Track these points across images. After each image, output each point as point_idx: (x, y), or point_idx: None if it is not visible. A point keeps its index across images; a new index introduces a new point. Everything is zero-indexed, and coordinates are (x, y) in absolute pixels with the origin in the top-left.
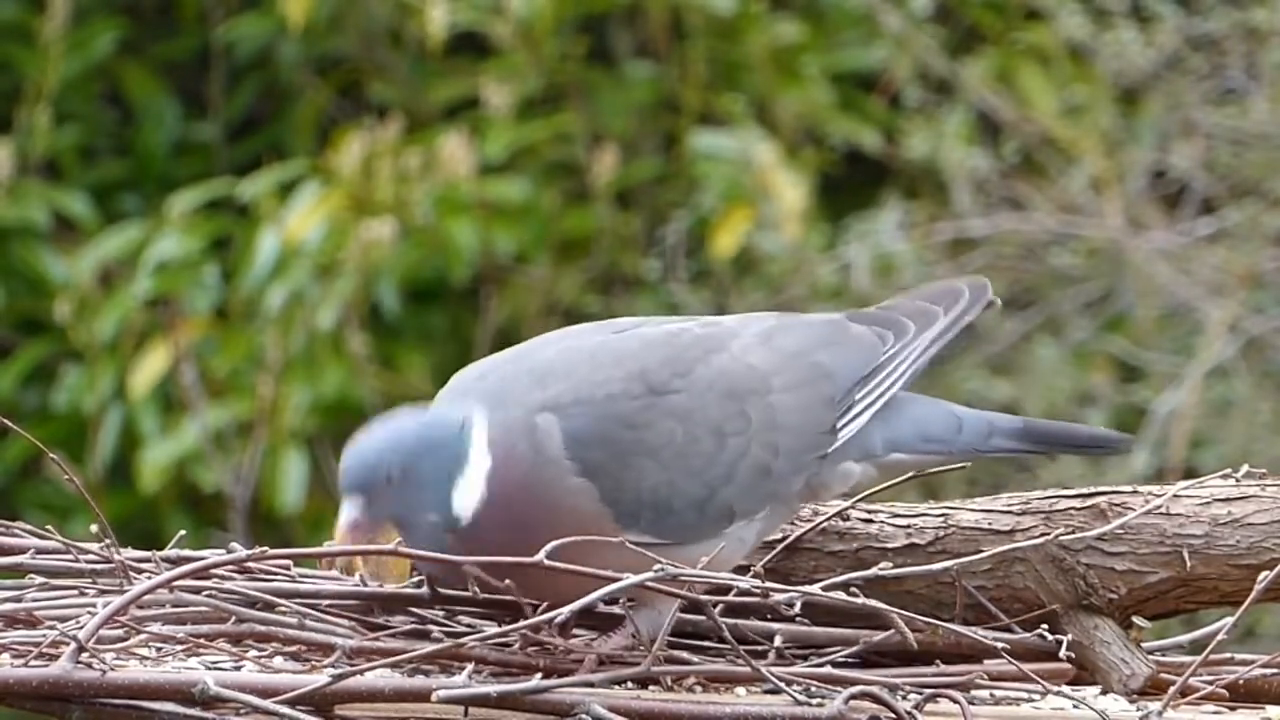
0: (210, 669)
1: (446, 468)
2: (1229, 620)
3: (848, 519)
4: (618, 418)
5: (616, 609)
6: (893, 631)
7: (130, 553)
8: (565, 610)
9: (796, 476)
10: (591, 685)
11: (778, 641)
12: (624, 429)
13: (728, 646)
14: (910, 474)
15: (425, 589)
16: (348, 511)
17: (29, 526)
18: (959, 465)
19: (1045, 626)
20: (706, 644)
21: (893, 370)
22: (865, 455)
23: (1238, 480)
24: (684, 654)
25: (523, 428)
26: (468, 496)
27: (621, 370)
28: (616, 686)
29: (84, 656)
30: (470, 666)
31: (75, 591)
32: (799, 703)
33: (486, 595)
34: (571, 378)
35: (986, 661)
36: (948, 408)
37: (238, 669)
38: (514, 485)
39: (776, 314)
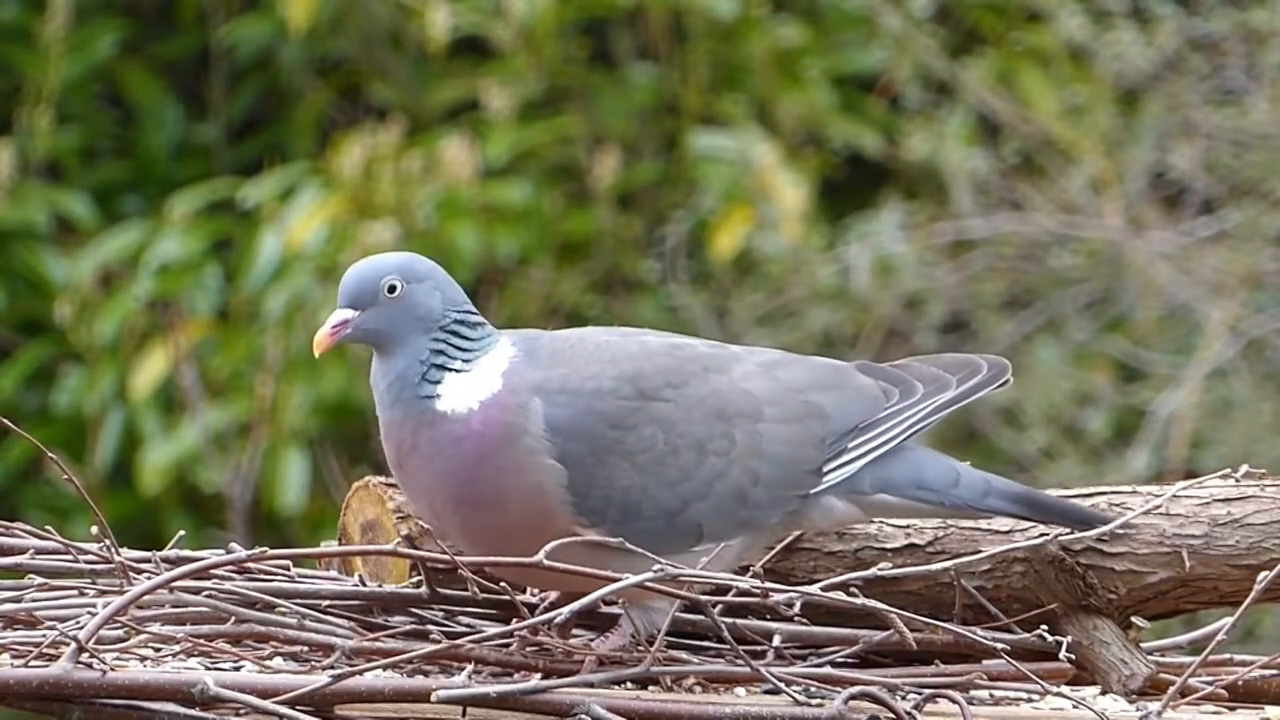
0: (210, 669)
1: (453, 329)
2: (1228, 621)
3: None
4: (600, 414)
5: (614, 608)
6: (892, 631)
7: (130, 553)
8: (565, 610)
9: (774, 509)
10: (591, 685)
11: (777, 641)
12: (606, 426)
13: (727, 646)
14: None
15: (425, 589)
16: (336, 315)
17: (29, 527)
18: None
19: (1045, 627)
20: (706, 644)
21: (891, 427)
22: (851, 492)
23: (1237, 480)
24: (683, 654)
25: (525, 394)
26: (457, 394)
27: (615, 369)
28: (616, 687)
29: (84, 657)
30: (470, 667)
31: (75, 592)
32: (799, 703)
33: (485, 594)
34: (565, 367)
35: (986, 662)
36: (949, 462)
37: (237, 669)
38: (494, 428)
39: (783, 351)
